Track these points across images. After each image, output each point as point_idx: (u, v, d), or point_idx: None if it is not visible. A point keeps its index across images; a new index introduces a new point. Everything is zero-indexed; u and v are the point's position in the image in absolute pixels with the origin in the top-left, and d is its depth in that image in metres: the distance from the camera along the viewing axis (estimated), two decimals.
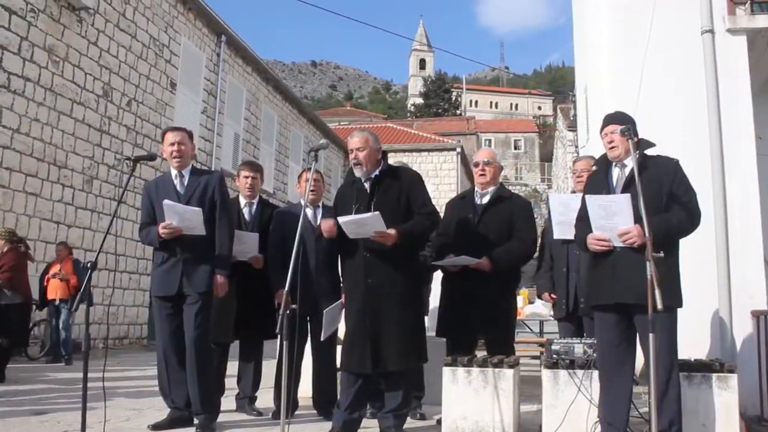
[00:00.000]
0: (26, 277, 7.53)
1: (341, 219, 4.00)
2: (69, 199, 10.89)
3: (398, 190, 4.14)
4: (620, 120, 3.70)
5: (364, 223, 3.92)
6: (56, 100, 10.58)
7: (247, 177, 5.14)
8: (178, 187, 4.40)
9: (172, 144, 4.41)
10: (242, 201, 5.15)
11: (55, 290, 9.22)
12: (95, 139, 11.55)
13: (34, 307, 8.65)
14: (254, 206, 5.16)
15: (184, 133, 4.51)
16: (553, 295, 4.96)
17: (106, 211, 11.69)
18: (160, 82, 13.64)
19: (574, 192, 5.01)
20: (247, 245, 4.88)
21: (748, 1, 5.69)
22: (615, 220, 3.49)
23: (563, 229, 4.54)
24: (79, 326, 10.50)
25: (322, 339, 4.41)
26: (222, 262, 4.36)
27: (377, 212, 3.89)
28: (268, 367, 5.17)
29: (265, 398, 5.13)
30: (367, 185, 4.16)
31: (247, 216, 5.11)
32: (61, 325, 9.25)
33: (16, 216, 9.67)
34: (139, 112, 12.88)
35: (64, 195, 10.76)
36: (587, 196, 3.66)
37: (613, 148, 3.69)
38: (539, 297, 5.41)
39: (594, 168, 4.73)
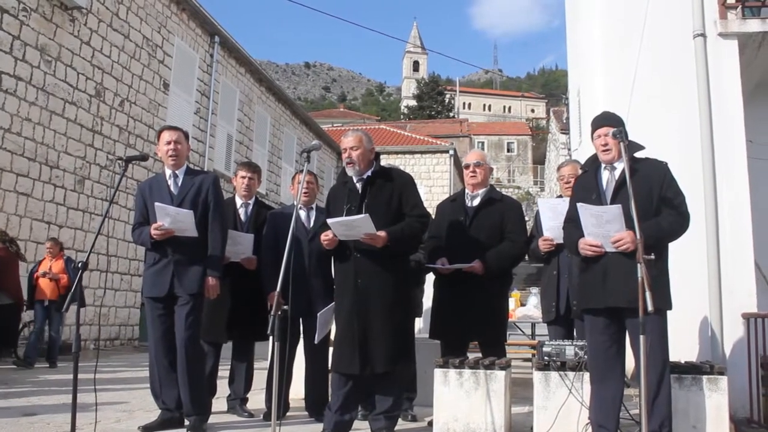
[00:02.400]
0: (16, 278, 7.49)
1: (330, 220, 4.00)
2: (60, 200, 10.84)
3: (390, 191, 4.15)
4: (612, 121, 3.69)
5: (354, 225, 3.92)
6: (48, 99, 10.53)
7: (244, 177, 5.14)
8: (172, 188, 4.39)
9: (169, 143, 4.40)
10: (238, 201, 5.14)
11: (44, 290, 8.65)
12: (87, 139, 11.50)
13: (24, 307, 8.59)
14: (250, 207, 5.15)
15: (180, 133, 4.50)
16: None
17: (97, 212, 11.65)
18: (153, 82, 13.60)
19: (560, 197, 5.00)
20: (242, 246, 4.88)
21: (740, 6, 5.72)
22: (607, 227, 3.49)
23: (554, 234, 4.56)
24: (70, 327, 10.47)
25: (315, 342, 4.40)
26: (214, 264, 4.35)
27: (367, 214, 3.88)
28: (260, 369, 5.16)
29: (256, 399, 5.12)
30: (359, 185, 4.17)
31: (242, 216, 5.10)
32: (52, 330, 8.68)
33: (7, 216, 9.62)
34: (132, 113, 12.84)
35: (55, 195, 10.71)
36: (579, 205, 3.62)
37: (606, 151, 3.67)
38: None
39: (581, 171, 4.75)
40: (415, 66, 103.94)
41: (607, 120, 3.72)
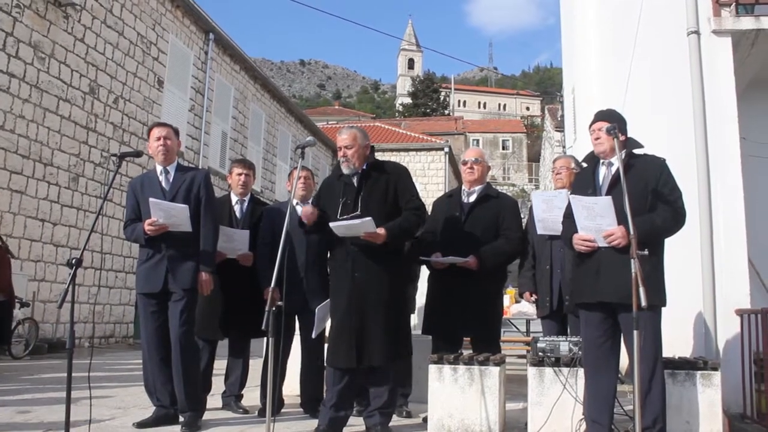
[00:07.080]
0: (8, 275, 7.45)
1: (333, 224, 3.99)
2: (54, 197, 10.79)
3: (385, 184, 4.15)
4: (609, 117, 3.74)
5: (356, 227, 3.92)
6: (42, 96, 10.48)
7: (240, 174, 5.14)
8: (164, 184, 4.39)
9: (158, 139, 4.41)
10: (234, 198, 5.14)
11: None
12: (81, 137, 11.45)
13: (18, 305, 8.55)
14: (245, 203, 5.15)
15: (170, 129, 4.51)
16: (534, 296, 4.95)
17: (92, 209, 11.59)
18: (148, 79, 13.55)
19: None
20: (237, 242, 4.88)
21: (733, 3, 5.74)
22: (599, 220, 3.52)
23: (546, 226, 4.58)
24: (64, 325, 10.44)
25: (312, 336, 4.40)
26: (206, 259, 4.35)
27: (370, 218, 3.88)
28: (254, 365, 5.16)
29: (250, 396, 5.12)
30: (354, 179, 4.17)
31: (238, 213, 5.10)
32: None
33: (1, 213, 9.57)
34: (126, 110, 12.79)
35: (49, 192, 10.66)
36: (571, 197, 3.70)
37: (598, 143, 3.73)
38: (521, 296, 5.42)
39: (574, 167, 4.80)
40: (410, 63, 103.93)
41: (605, 116, 3.79)
